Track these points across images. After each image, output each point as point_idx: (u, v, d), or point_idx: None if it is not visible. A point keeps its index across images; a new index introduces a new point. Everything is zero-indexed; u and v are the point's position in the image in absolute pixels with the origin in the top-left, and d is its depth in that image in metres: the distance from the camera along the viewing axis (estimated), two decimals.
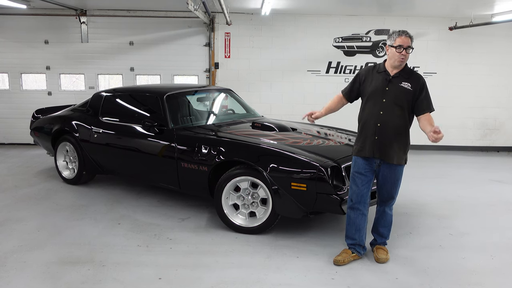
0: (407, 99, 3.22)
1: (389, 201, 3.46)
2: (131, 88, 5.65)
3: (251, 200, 3.92)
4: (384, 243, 3.59)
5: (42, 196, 5.06)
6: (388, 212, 3.51)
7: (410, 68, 3.34)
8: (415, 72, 3.34)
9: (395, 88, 3.23)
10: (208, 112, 5.28)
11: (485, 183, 5.96)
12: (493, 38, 7.80)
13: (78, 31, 7.80)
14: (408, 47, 3.16)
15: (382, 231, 3.55)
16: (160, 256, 3.53)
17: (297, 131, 4.59)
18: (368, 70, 3.43)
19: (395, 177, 3.33)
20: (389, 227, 3.55)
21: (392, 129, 3.24)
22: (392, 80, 3.25)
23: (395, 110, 3.23)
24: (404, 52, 3.15)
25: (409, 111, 3.26)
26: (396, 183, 3.36)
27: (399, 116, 3.24)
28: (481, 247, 3.79)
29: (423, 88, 3.22)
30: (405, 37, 3.16)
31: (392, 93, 3.23)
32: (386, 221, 3.53)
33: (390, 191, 3.39)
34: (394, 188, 3.38)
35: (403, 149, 3.30)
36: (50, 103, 7.32)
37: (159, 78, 8.08)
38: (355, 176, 3.38)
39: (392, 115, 3.24)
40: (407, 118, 3.27)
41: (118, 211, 4.55)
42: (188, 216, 4.41)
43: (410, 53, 3.19)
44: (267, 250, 3.64)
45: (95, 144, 5.05)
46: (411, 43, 3.18)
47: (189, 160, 4.19)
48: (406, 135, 3.30)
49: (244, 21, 7.80)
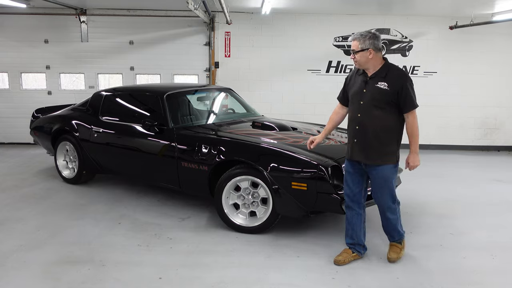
0: (386, 100, 3.12)
1: (385, 205, 3.31)
2: (131, 88, 5.65)
3: (251, 200, 3.92)
4: (396, 240, 3.49)
5: (42, 195, 5.05)
6: (389, 216, 3.36)
7: (391, 66, 3.21)
8: (395, 70, 3.19)
9: (371, 89, 3.17)
10: (208, 112, 5.27)
11: (485, 183, 5.96)
12: (494, 37, 7.78)
13: (78, 30, 7.79)
14: (358, 50, 3.12)
15: (390, 233, 3.48)
16: (160, 255, 3.52)
17: (297, 131, 4.58)
18: (352, 72, 3.41)
19: (383, 177, 3.22)
20: (395, 229, 3.44)
21: (371, 131, 3.17)
22: (369, 82, 3.19)
23: (373, 112, 3.16)
24: (352, 56, 3.18)
25: (392, 110, 3.15)
26: (384, 183, 3.23)
27: (378, 117, 3.15)
28: (481, 246, 3.79)
29: (402, 87, 3.09)
30: (352, 41, 3.18)
31: (369, 94, 3.17)
32: (390, 225, 3.42)
33: (381, 192, 3.26)
34: (384, 189, 3.25)
35: (388, 149, 3.19)
36: (50, 102, 7.31)
37: (159, 78, 8.07)
38: (346, 176, 3.39)
39: (369, 117, 3.18)
40: (390, 118, 3.16)
41: (118, 211, 4.55)
42: (189, 216, 4.41)
43: (361, 55, 3.13)
44: (267, 250, 3.64)
45: (95, 143, 5.05)
46: (360, 44, 3.12)
47: (189, 159, 4.19)
48: (391, 135, 3.18)
49: (244, 20, 7.80)
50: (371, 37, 3.12)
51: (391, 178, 3.25)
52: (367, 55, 3.13)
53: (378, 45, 3.15)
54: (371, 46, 3.11)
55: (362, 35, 3.14)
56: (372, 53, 3.12)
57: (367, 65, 3.17)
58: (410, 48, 7.92)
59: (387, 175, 3.22)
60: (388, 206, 3.32)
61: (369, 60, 3.14)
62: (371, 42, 3.11)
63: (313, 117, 7.37)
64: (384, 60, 3.22)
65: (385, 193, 3.27)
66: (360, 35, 3.15)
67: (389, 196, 3.29)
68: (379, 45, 3.16)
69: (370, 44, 3.11)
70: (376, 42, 3.13)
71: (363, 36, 3.14)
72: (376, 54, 3.14)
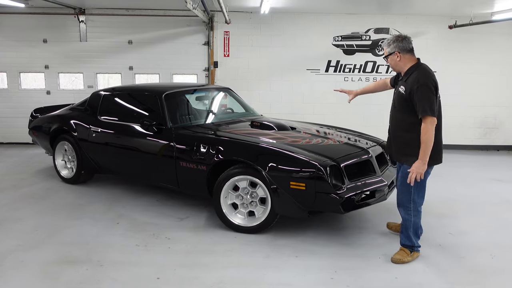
0: (402, 103, 3.27)
1: (400, 201, 3.42)
2: (129, 87, 5.63)
3: (250, 200, 3.90)
4: (403, 245, 3.49)
5: (40, 195, 5.04)
6: (402, 214, 3.44)
7: (417, 68, 3.24)
8: (416, 74, 3.19)
9: (396, 91, 3.41)
10: (207, 111, 5.26)
11: (485, 182, 5.95)
12: (493, 36, 7.77)
13: (77, 30, 7.78)
14: (387, 55, 3.33)
15: (402, 232, 3.50)
16: (159, 255, 3.51)
17: (296, 130, 4.57)
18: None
19: (403, 176, 3.35)
20: (405, 231, 3.44)
21: (394, 131, 3.44)
22: (397, 84, 3.42)
23: (395, 114, 3.42)
24: (386, 61, 3.39)
25: (410, 113, 3.22)
26: (404, 181, 3.31)
27: (399, 120, 3.36)
28: (481, 246, 3.78)
29: (413, 92, 3.13)
30: (384, 47, 3.41)
31: (395, 96, 3.43)
32: (402, 224, 3.48)
33: (401, 188, 3.40)
34: (403, 186, 3.35)
35: (408, 150, 3.25)
36: (49, 102, 7.29)
37: (158, 77, 8.05)
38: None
39: (393, 118, 3.46)
40: (408, 121, 3.24)
41: (117, 211, 4.54)
42: (187, 216, 4.39)
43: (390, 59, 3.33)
44: (266, 250, 3.63)
45: (94, 143, 5.03)
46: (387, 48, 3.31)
47: (187, 159, 4.17)
48: (411, 137, 3.23)
49: (243, 20, 7.78)
50: (395, 40, 3.27)
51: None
52: (395, 58, 3.28)
53: (405, 46, 3.25)
54: (396, 49, 3.25)
55: (388, 40, 3.33)
56: (399, 56, 3.26)
57: (398, 67, 3.34)
58: None
59: (405, 175, 3.28)
60: (402, 203, 3.42)
61: (397, 63, 3.30)
62: (396, 45, 3.25)
63: (312, 117, 7.37)
64: (414, 62, 3.28)
65: (403, 191, 3.39)
66: (387, 40, 3.35)
67: (407, 195, 3.37)
68: (406, 46, 3.25)
69: (395, 47, 3.25)
70: (401, 44, 3.24)
71: (389, 40, 3.32)
72: (404, 56, 3.26)
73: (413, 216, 3.40)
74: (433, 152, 3.17)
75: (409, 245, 3.47)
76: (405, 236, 3.47)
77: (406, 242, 3.47)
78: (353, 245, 3.75)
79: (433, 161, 3.24)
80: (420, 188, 3.33)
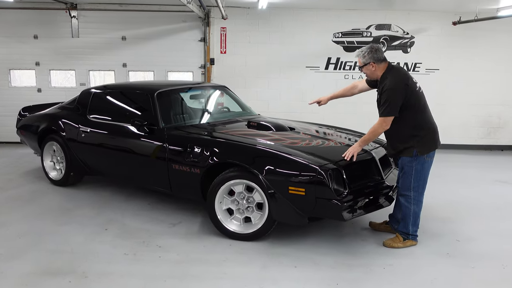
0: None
1: (401, 189, 3.57)
2: (121, 85, 5.40)
3: (246, 205, 3.68)
4: (398, 231, 3.65)
5: (27, 198, 4.82)
6: (402, 201, 3.56)
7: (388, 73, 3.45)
8: (387, 77, 3.43)
9: (377, 97, 3.53)
10: (202, 111, 5.02)
11: (490, 184, 5.74)
12: (498, 33, 7.54)
13: (69, 25, 7.53)
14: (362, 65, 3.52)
15: (398, 220, 3.66)
16: (148, 265, 3.28)
17: (295, 131, 4.34)
18: None
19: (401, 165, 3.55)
20: (404, 219, 3.58)
21: (386, 135, 3.59)
22: (378, 91, 3.55)
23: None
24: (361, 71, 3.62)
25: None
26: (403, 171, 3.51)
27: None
28: (491, 255, 3.56)
29: (381, 93, 3.41)
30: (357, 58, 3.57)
31: (377, 103, 3.52)
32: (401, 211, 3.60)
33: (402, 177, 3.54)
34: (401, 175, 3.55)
35: (402, 145, 3.45)
36: (40, 100, 7.01)
37: (152, 75, 7.82)
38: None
39: None
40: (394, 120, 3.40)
41: (106, 215, 4.31)
42: (180, 221, 4.17)
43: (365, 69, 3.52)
44: (263, 259, 3.40)
45: (83, 143, 4.80)
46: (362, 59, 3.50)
47: (180, 161, 3.95)
48: (401, 133, 3.45)
49: (241, 16, 7.54)
50: (369, 51, 3.46)
51: (408, 168, 3.47)
52: (370, 68, 3.49)
53: (379, 57, 3.46)
54: (371, 59, 3.46)
55: (362, 51, 3.50)
56: (374, 66, 3.47)
57: (374, 76, 3.54)
58: (411, 45, 7.69)
59: (403, 165, 3.52)
60: (402, 191, 3.55)
61: (373, 72, 3.51)
62: (371, 56, 3.45)
63: (311, 116, 7.12)
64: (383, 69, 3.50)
65: (403, 179, 3.53)
66: (360, 51, 3.51)
67: (407, 183, 3.50)
68: (379, 56, 3.47)
69: (370, 58, 3.46)
70: (375, 55, 3.46)
71: (363, 52, 3.50)
72: (378, 66, 3.48)
73: (413, 204, 3.52)
74: (428, 140, 3.45)
75: (404, 232, 3.61)
76: (403, 224, 3.60)
77: (403, 229, 3.61)
78: (356, 254, 3.52)
79: (428, 149, 3.44)
80: (419, 176, 3.47)
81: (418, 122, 3.44)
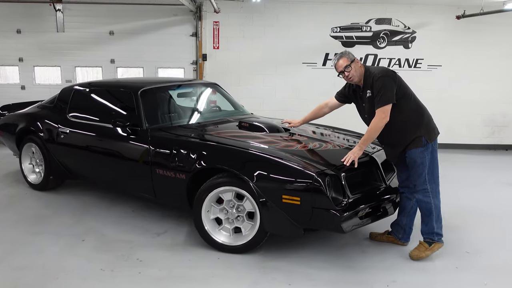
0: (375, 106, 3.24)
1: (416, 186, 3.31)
2: (105, 82, 5.08)
3: (235, 214, 3.36)
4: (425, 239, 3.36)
5: (3, 204, 4.49)
6: (421, 198, 3.29)
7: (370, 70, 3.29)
8: (371, 74, 3.25)
9: (365, 100, 3.31)
10: (190, 110, 4.67)
11: (495, 186, 5.45)
12: (503, 27, 7.21)
13: (53, 19, 7.18)
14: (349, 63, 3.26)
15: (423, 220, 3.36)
16: (125, 283, 2.96)
17: (289, 132, 4.01)
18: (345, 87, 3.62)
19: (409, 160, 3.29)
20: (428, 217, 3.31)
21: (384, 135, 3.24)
22: (363, 94, 3.33)
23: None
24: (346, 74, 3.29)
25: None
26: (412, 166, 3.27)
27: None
28: (502, 269, 3.25)
29: (373, 85, 3.19)
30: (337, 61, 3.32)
31: (367, 105, 3.30)
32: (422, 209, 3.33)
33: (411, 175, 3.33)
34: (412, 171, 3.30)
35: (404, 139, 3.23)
36: (24, 98, 6.68)
37: (142, 71, 7.47)
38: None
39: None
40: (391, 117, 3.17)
41: (85, 223, 3.98)
42: (165, 230, 3.84)
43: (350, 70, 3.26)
44: (254, 275, 3.08)
45: (62, 145, 4.47)
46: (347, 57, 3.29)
47: (165, 166, 3.62)
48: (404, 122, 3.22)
49: (234, 9, 7.19)
50: (348, 52, 3.35)
51: (422, 159, 3.22)
52: (358, 65, 3.30)
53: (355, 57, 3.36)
54: (354, 56, 3.32)
55: (342, 53, 3.34)
56: (359, 62, 3.32)
57: (358, 74, 3.30)
58: (413, 40, 7.36)
59: (415, 158, 3.23)
60: (418, 186, 3.27)
61: (360, 69, 3.30)
62: (352, 55, 3.33)
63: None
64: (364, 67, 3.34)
65: (415, 174, 3.26)
66: (340, 54, 3.34)
67: (420, 177, 3.24)
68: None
69: (353, 56, 3.32)
70: (352, 55, 3.35)
71: (342, 54, 3.33)
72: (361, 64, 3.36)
73: (432, 197, 3.27)
74: (431, 125, 3.30)
75: (429, 232, 3.32)
76: (425, 224, 3.33)
77: (427, 230, 3.33)
78: (356, 269, 3.20)
79: (434, 134, 3.29)
80: (432, 166, 3.26)
81: (417, 108, 3.29)
